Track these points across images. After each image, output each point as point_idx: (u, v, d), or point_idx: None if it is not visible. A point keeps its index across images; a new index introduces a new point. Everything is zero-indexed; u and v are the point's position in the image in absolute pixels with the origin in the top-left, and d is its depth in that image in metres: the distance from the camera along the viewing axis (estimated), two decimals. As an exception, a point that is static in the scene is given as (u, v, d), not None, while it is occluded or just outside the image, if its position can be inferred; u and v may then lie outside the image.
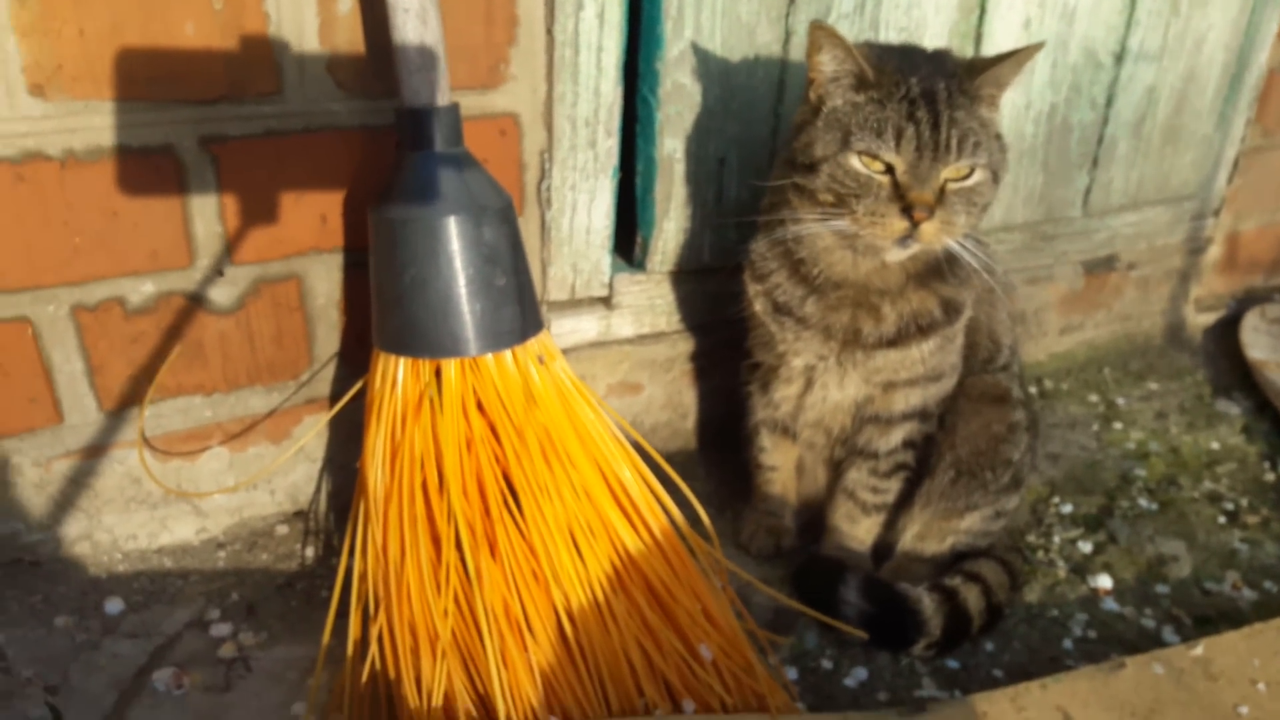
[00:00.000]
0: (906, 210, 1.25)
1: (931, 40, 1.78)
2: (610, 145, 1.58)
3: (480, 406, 1.27)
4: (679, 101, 1.60)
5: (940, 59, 1.32)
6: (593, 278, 1.67)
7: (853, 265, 1.38)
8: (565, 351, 1.65)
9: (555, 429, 1.30)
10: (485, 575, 1.22)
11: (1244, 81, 2.24)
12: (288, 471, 1.54)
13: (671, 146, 1.62)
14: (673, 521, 1.34)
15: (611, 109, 1.55)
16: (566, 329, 1.66)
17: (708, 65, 1.59)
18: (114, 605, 1.41)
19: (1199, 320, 2.47)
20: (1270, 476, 2.00)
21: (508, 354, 1.28)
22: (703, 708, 1.27)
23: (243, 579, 1.48)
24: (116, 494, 1.44)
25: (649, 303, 1.73)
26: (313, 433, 1.53)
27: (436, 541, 1.24)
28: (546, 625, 1.23)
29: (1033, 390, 2.18)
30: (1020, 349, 1.69)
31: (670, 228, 1.69)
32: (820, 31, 1.27)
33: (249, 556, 1.51)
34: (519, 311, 1.29)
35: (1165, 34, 2.05)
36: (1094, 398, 2.19)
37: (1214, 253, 2.44)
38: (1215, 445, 2.08)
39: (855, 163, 1.27)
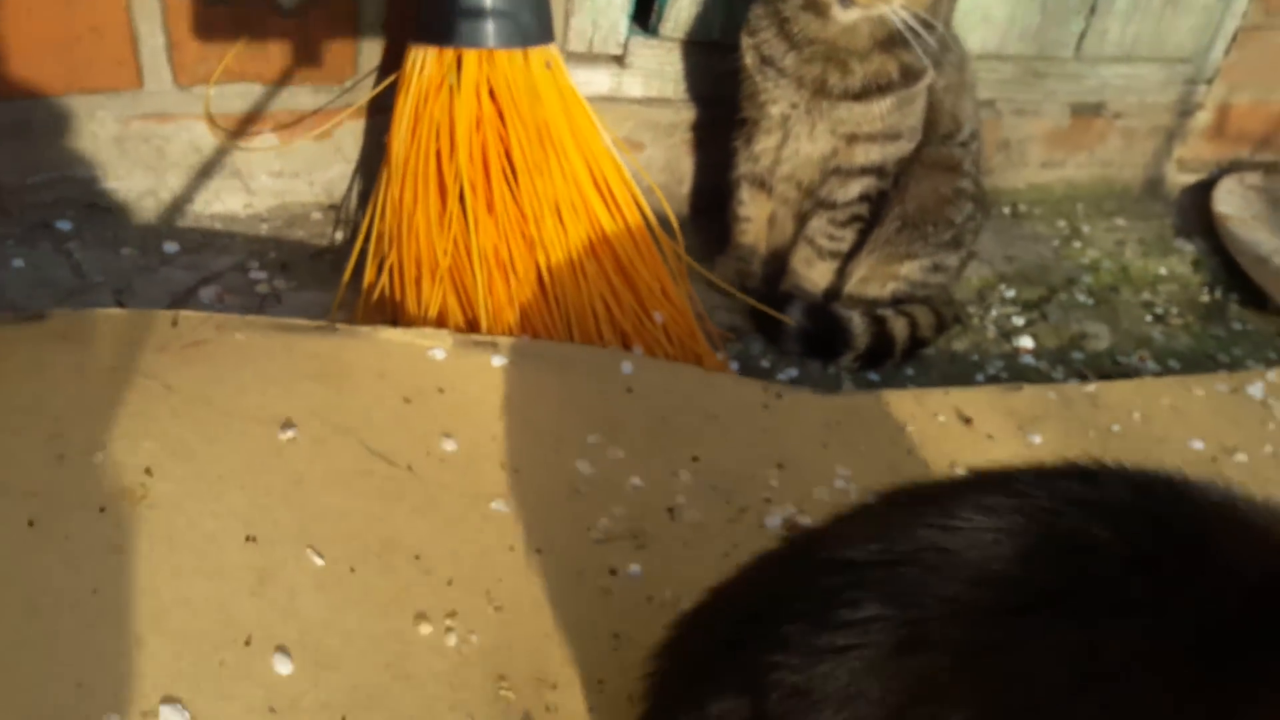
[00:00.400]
0: None
1: None
2: (633, -85, 1.83)
3: (492, 93, 1.54)
4: (697, -119, 1.84)
5: None
6: (609, 35, 1.92)
7: (822, 26, 1.63)
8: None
9: (553, 123, 1.56)
10: (481, 225, 1.49)
11: (1247, -45, 2.43)
12: (326, 168, 1.82)
13: (687, -79, 1.87)
14: (643, 213, 1.61)
15: (637, -119, 1.80)
16: (581, 79, 1.90)
17: None
18: (171, 246, 1.70)
19: (1179, 179, 2.68)
20: (1205, 299, 2.23)
21: (520, 53, 1.54)
22: (649, 354, 1.54)
23: (280, 245, 1.77)
24: (180, 159, 1.72)
25: (659, 67, 1.98)
26: (352, 135, 1.80)
27: (444, 195, 1.51)
28: (528, 272, 1.51)
29: (1005, 211, 2.42)
30: (981, 136, 1.93)
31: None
32: None
33: (287, 231, 1.79)
34: (533, 20, 1.55)
35: (1170, -108, 2.26)
36: (1062, 224, 2.42)
37: (1203, 118, 2.64)
38: (1163, 271, 2.32)
39: None
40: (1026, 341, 1.93)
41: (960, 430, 1.53)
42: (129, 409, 1.12)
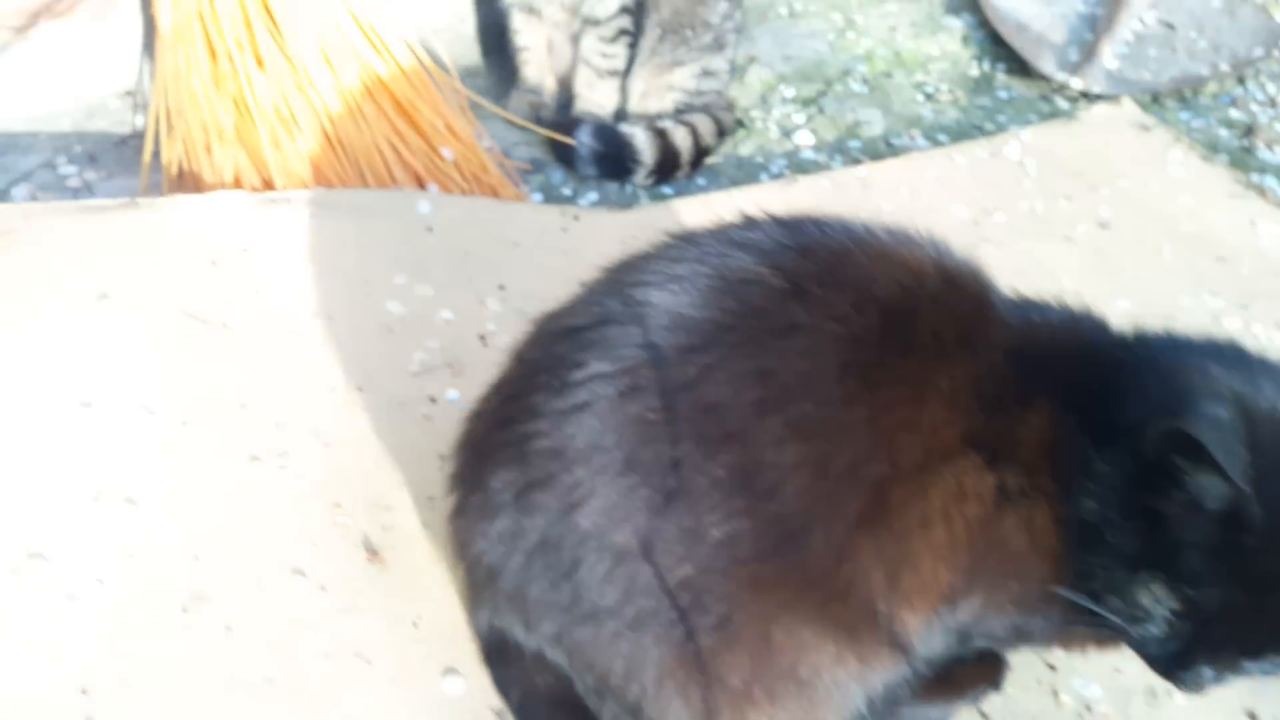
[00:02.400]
0: None
1: None
2: None
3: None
4: None
5: None
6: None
7: None
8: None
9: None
10: (256, 82, 1.58)
11: None
12: (112, 50, 1.87)
13: None
14: (414, 53, 1.70)
15: None
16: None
17: None
18: (-27, 153, 1.76)
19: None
20: (974, 72, 2.40)
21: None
22: (445, 192, 1.66)
23: (84, 138, 1.83)
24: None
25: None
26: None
27: (214, 57, 1.59)
28: (310, 123, 1.61)
29: (782, 11, 2.55)
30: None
31: None
32: None
33: (88, 123, 1.86)
34: None
35: None
36: (836, 16, 2.56)
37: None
38: (934, 50, 2.48)
39: None
40: (806, 138, 2.08)
41: (745, 225, 1.68)
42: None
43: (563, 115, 2.05)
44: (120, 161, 1.79)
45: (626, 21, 1.91)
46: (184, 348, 1.26)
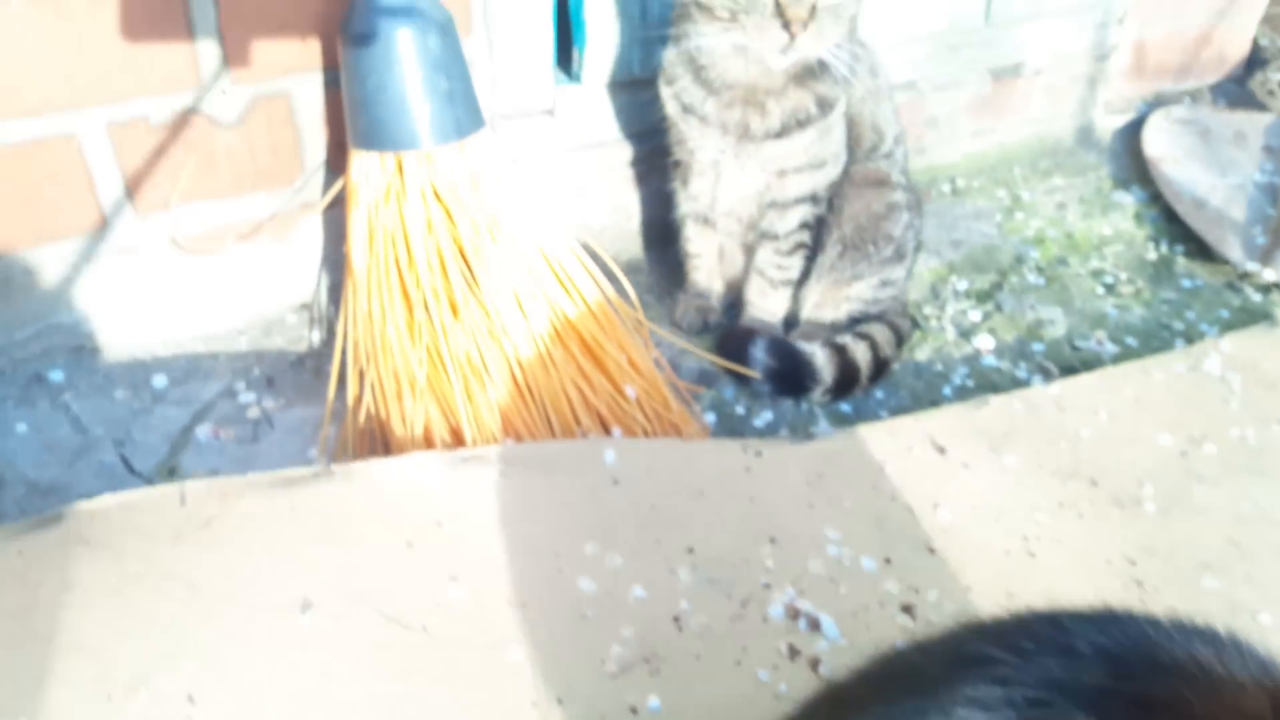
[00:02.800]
0: (785, 25, 1.57)
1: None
2: (549, -28, 1.88)
3: (436, 194, 1.60)
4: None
5: None
6: (537, 90, 1.97)
7: (743, 70, 1.70)
8: (514, 160, 1.97)
9: (500, 211, 1.62)
10: (450, 331, 1.56)
11: (1143, -102, 2.50)
12: (291, 269, 1.88)
13: (600, -30, 1.93)
14: (600, 288, 1.68)
15: (549, -60, 1.85)
16: (515, 137, 1.98)
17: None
18: (160, 381, 1.76)
19: (1108, 122, 2.77)
20: (1152, 256, 2.33)
21: (456, 148, 1.60)
22: (628, 434, 1.62)
23: (261, 358, 1.83)
24: (153, 287, 1.78)
25: (589, 112, 2.04)
26: (311, 231, 1.86)
27: (410, 305, 1.58)
28: (501, 370, 1.58)
29: (946, 188, 2.50)
30: (904, 140, 2.00)
31: (603, 42, 1.99)
32: None
33: (265, 341, 1.86)
34: (463, 111, 1.61)
35: None
36: (1001, 193, 2.51)
37: (1121, 59, 2.73)
38: (1107, 230, 2.41)
39: None
40: (986, 340, 2.02)
41: (936, 462, 1.61)
42: (161, 622, 1.20)
43: (730, 317, 2.01)
44: (297, 386, 1.78)
45: (805, 236, 1.87)
46: (385, 663, 1.22)
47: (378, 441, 1.63)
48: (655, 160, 2.08)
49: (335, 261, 1.90)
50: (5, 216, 1.62)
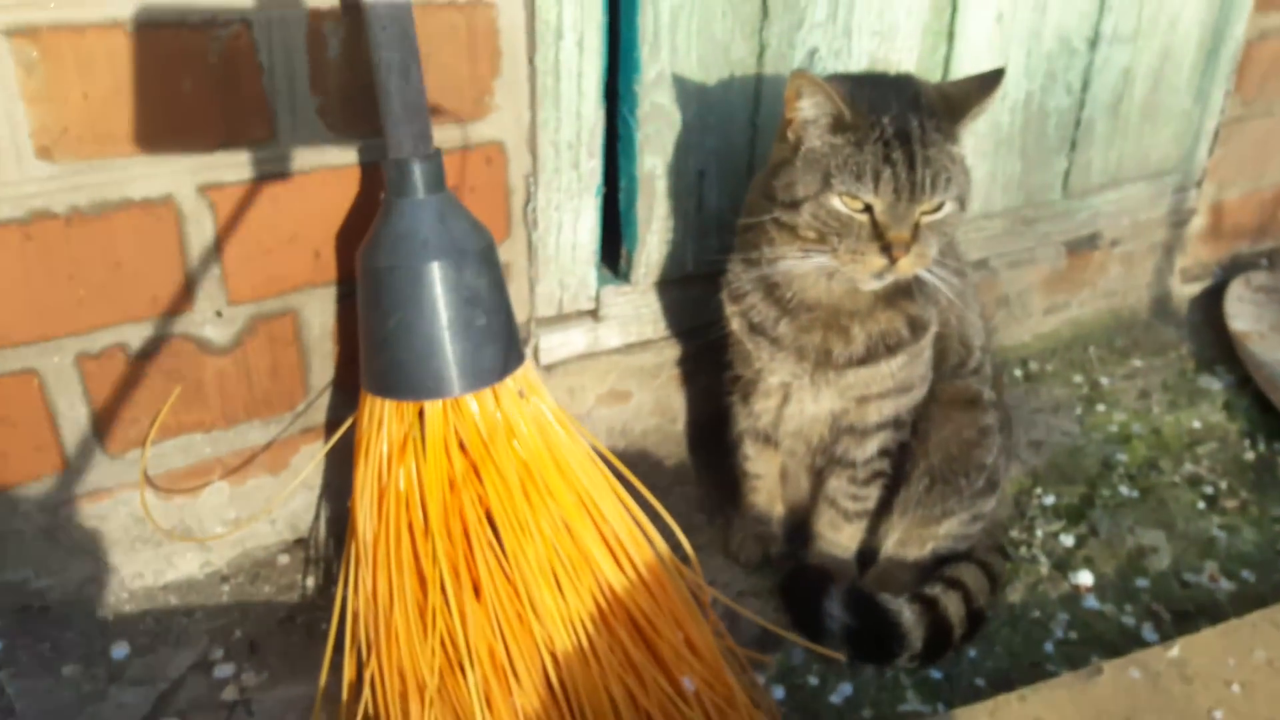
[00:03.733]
0: (885, 249, 1.38)
1: (904, 41, 1.90)
2: (593, 165, 1.69)
3: (462, 446, 1.39)
4: (658, 120, 1.71)
5: (909, 91, 1.43)
6: (579, 292, 1.79)
7: (826, 291, 1.50)
8: (554, 365, 1.78)
9: (536, 463, 1.41)
10: (470, 618, 1.33)
11: (1220, 55, 2.35)
12: (287, 501, 1.66)
13: (652, 163, 1.74)
14: (655, 550, 1.46)
15: (593, 131, 1.67)
16: (555, 343, 1.78)
17: (684, 84, 1.70)
18: (120, 650, 1.52)
19: (1184, 291, 2.60)
20: (1250, 455, 2.14)
21: (488, 392, 1.40)
22: (686, 740, 1.39)
23: (246, 613, 1.60)
24: (122, 534, 1.56)
25: (635, 312, 1.85)
26: (312, 464, 1.65)
27: (423, 582, 1.35)
28: (530, 667, 1.35)
29: (1018, 373, 2.31)
30: (991, 346, 1.82)
31: (653, 240, 1.80)
32: (802, 79, 1.38)
33: (252, 589, 1.63)
34: (499, 349, 1.41)
35: (1139, 16, 2.17)
36: (1078, 378, 2.32)
37: (1198, 223, 2.56)
38: (1197, 424, 2.22)
39: (837, 203, 1.39)
40: (1085, 578, 1.81)
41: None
42: None
43: (793, 546, 1.80)
44: (285, 652, 1.56)
45: (885, 464, 1.67)
46: None
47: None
48: (704, 357, 1.90)
49: (338, 489, 1.69)
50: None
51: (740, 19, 1.71)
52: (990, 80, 1.42)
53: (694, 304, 1.86)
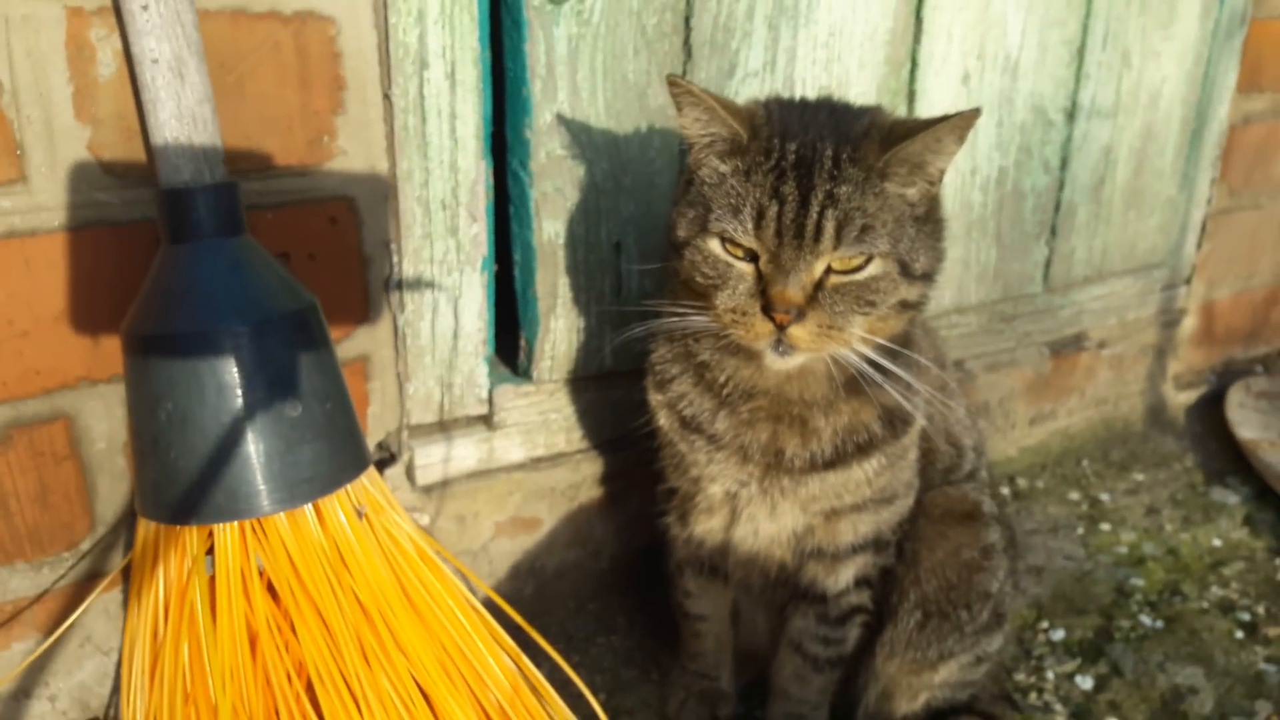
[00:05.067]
0: (767, 309, 0.90)
1: (858, 97, 1.45)
2: (477, 231, 1.23)
3: (270, 587, 0.89)
4: (557, 176, 1.25)
5: (852, 117, 0.97)
6: (466, 392, 1.30)
7: (759, 370, 1.02)
8: (437, 485, 1.28)
9: (380, 609, 0.92)
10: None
11: (1204, 138, 1.92)
12: (72, 670, 1.15)
13: (553, 230, 1.27)
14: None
15: (474, 187, 1.20)
16: (437, 458, 1.29)
17: (590, 134, 1.25)
18: None
19: (1180, 399, 2.12)
20: (1284, 576, 1.63)
21: (308, 509, 0.90)
22: None
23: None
24: None
25: (541, 418, 1.36)
26: (87, 611, 1.14)
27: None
28: None
29: (1005, 490, 1.82)
30: (985, 447, 1.33)
31: (559, 326, 1.32)
32: (677, 87, 0.94)
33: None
34: (326, 449, 0.92)
35: (1118, 88, 1.74)
36: (1075, 495, 1.83)
37: (1189, 324, 2.11)
38: (1217, 542, 1.72)
39: (714, 246, 0.94)
40: (1114, 732, 1.29)
41: None
42: None
43: (747, 707, 1.29)
44: None
45: (864, 598, 1.17)
46: None
47: None
48: (634, 475, 1.41)
49: (160, 651, 1.17)
50: None
51: (657, 59, 1.26)
52: (951, 115, 0.92)
53: (617, 408, 1.38)
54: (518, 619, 1.01)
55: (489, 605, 1.02)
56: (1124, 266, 1.93)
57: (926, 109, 1.54)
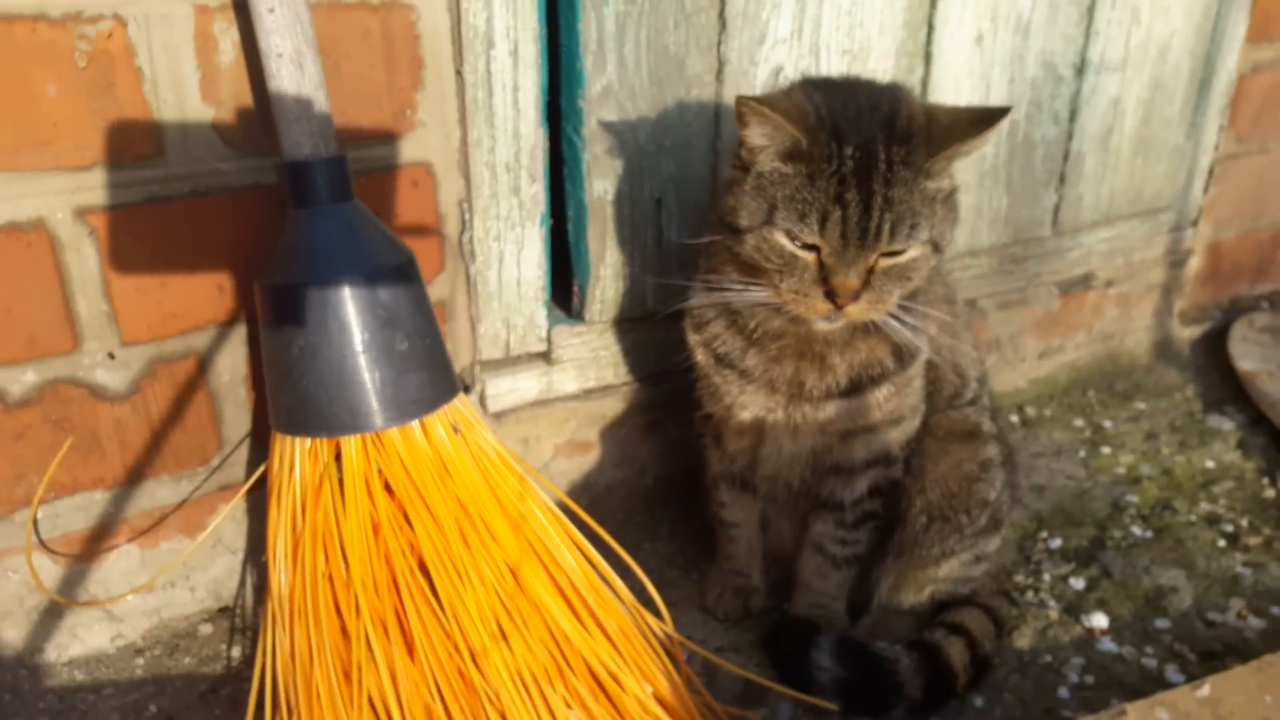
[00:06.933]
0: (830, 295, 1.10)
1: (878, 62, 1.63)
2: (536, 191, 1.41)
3: (387, 487, 1.10)
4: (606, 140, 1.43)
5: (887, 111, 1.13)
6: (528, 332, 1.50)
7: (789, 322, 1.21)
8: (504, 413, 1.49)
9: (476, 506, 1.12)
10: (403, 677, 1.04)
11: (1213, 88, 2.07)
12: (207, 565, 1.37)
13: (602, 189, 1.46)
14: (618, 597, 1.16)
15: (534, 152, 1.39)
16: (504, 389, 1.49)
17: (635, 101, 1.43)
18: (9, 747, 1.23)
19: (1185, 334, 2.29)
20: (1270, 493, 1.81)
21: (415, 425, 1.11)
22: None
23: (162, 688, 1.30)
24: (15, 605, 1.27)
25: (592, 355, 1.56)
26: (221, 516, 1.35)
27: (347, 637, 1.06)
28: (471, 729, 1.05)
29: (1014, 419, 2.00)
30: (990, 379, 1.52)
31: (608, 274, 1.52)
32: (747, 108, 1.10)
33: (170, 662, 1.33)
34: (427, 378, 1.12)
35: (1127, 43, 1.89)
36: (1079, 422, 2.01)
37: (1195, 264, 2.26)
38: (1210, 464, 1.89)
39: (781, 239, 1.12)
40: (1100, 619, 1.48)
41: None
42: None
43: (776, 600, 1.48)
44: (204, 731, 1.24)
45: (876, 505, 1.36)
46: None
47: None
48: (674, 404, 1.59)
49: (264, 552, 1.39)
50: None
51: (695, 31, 1.44)
52: (986, 117, 1.11)
53: (659, 346, 1.57)
54: (584, 516, 1.21)
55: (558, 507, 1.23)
56: (1131, 210, 2.09)
57: (942, 69, 1.71)
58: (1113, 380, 2.14)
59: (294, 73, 1.07)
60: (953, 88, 1.73)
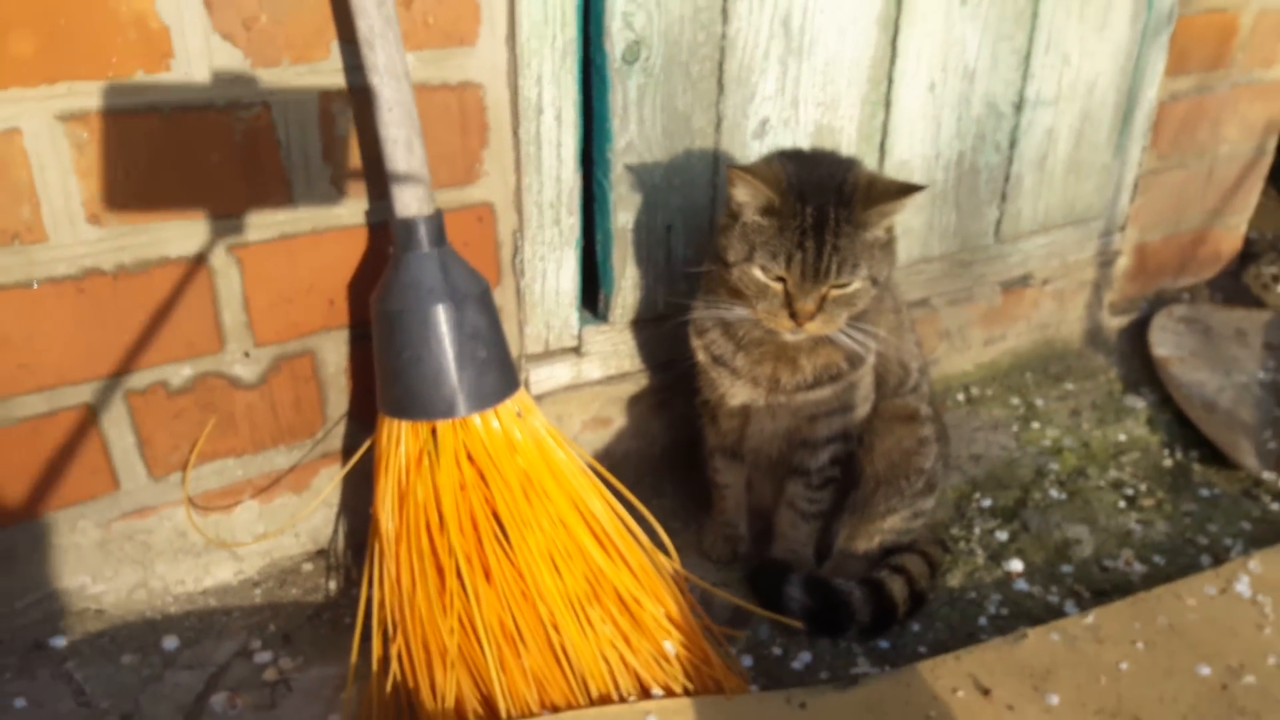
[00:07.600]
0: (793, 314, 1.48)
1: (846, 110, 1.98)
2: (572, 222, 1.77)
3: (470, 457, 1.46)
4: (628, 182, 1.79)
5: (839, 179, 1.49)
6: (563, 331, 1.86)
7: (768, 333, 1.58)
8: (543, 395, 1.85)
9: (534, 471, 1.49)
10: (483, 598, 1.41)
11: (1136, 115, 2.43)
12: (309, 517, 1.74)
13: (624, 219, 1.82)
14: (637, 540, 1.53)
15: (571, 193, 1.75)
16: (543, 376, 1.86)
17: (651, 150, 1.79)
18: (170, 642, 1.59)
19: (1114, 323, 2.66)
20: (1168, 463, 2.19)
21: (491, 412, 1.48)
22: (668, 694, 1.46)
23: (277, 611, 1.68)
24: (166, 546, 1.64)
25: (614, 349, 1.92)
26: (331, 485, 1.72)
27: (441, 572, 1.43)
28: (535, 635, 1.43)
29: (960, 398, 2.37)
30: (930, 370, 1.89)
31: (628, 285, 1.88)
32: (735, 175, 1.47)
33: (281, 592, 1.70)
34: (498, 377, 1.49)
35: (1059, 82, 2.25)
36: (1015, 401, 2.38)
37: (1124, 262, 2.63)
38: (1122, 437, 2.28)
39: (757, 273, 1.49)
40: (1016, 565, 1.87)
41: (981, 705, 1.47)
42: None
43: (758, 546, 1.87)
44: (315, 641, 1.63)
45: (836, 471, 1.75)
46: None
47: (404, 711, 1.47)
48: (676, 388, 1.96)
49: (354, 508, 1.77)
50: (13, 488, 1.49)
51: (699, 94, 1.79)
52: (908, 189, 1.48)
53: (665, 340, 1.93)
54: (609, 476, 1.57)
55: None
56: (1065, 220, 2.46)
57: (900, 114, 2.07)
58: (1048, 364, 2.52)
59: (405, 154, 1.43)
60: (908, 128, 2.09)
